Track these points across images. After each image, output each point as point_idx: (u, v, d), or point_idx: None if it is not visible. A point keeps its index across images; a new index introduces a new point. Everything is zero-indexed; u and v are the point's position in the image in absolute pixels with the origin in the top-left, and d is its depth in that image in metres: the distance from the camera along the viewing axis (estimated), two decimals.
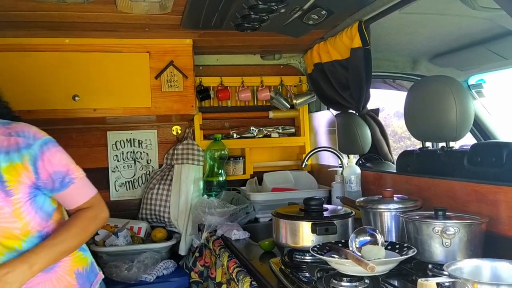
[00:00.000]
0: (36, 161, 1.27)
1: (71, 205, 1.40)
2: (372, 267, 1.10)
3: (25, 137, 1.27)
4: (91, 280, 1.51)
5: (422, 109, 1.73)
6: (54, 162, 1.30)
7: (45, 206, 1.36)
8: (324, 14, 1.86)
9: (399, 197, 1.60)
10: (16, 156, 1.25)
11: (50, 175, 1.30)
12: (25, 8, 1.78)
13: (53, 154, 1.30)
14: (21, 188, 1.27)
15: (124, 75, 2.29)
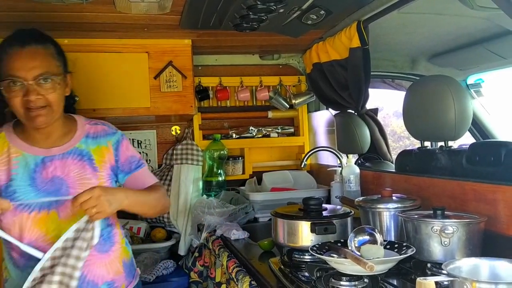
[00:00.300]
0: (118, 146, 1.56)
1: (144, 185, 1.59)
2: (371, 266, 1.11)
3: (109, 127, 1.59)
4: (133, 273, 1.63)
5: (421, 109, 1.74)
6: (130, 149, 1.60)
7: None
8: (322, 14, 1.87)
9: (398, 196, 1.61)
10: (102, 140, 1.54)
11: (127, 158, 1.58)
12: (24, 8, 1.79)
13: (129, 143, 1.62)
14: (104, 167, 1.52)
15: (123, 75, 2.29)
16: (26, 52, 1.38)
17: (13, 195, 1.41)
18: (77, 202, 1.29)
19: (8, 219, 1.41)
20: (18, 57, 1.37)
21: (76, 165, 1.48)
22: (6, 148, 1.45)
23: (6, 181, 1.42)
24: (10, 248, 1.48)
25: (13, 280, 1.49)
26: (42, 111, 1.40)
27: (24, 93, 1.37)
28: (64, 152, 1.48)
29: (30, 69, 1.36)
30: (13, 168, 1.43)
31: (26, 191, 1.42)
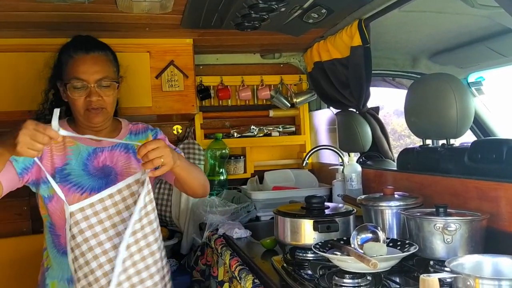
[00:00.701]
0: (156, 136, 1.73)
1: None
2: (375, 263, 1.11)
3: (148, 125, 1.77)
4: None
5: (423, 107, 1.74)
6: (167, 140, 1.72)
7: None
8: (324, 13, 1.87)
9: (400, 194, 1.61)
10: (143, 135, 1.72)
11: None
12: (26, 8, 1.79)
13: (166, 137, 1.78)
14: None
15: (125, 74, 2.29)
16: (90, 57, 1.55)
17: (67, 177, 1.54)
18: (146, 149, 1.35)
19: (60, 199, 1.45)
20: (83, 62, 1.54)
21: (123, 157, 1.63)
22: (61, 137, 1.51)
23: (61, 164, 1.55)
24: (56, 235, 1.57)
25: (53, 270, 1.58)
26: (100, 112, 1.56)
27: (86, 94, 1.53)
28: (112, 145, 1.63)
29: (93, 73, 1.53)
30: (68, 155, 1.57)
31: (80, 174, 1.55)
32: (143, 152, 1.36)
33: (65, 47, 1.60)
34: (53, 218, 1.56)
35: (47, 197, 1.54)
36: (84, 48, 1.56)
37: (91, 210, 1.41)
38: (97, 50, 1.58)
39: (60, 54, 1.60)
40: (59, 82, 1.60)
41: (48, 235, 1.60)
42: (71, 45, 1.59)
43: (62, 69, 1.58)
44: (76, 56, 1.54)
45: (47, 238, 1.61)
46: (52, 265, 1.59)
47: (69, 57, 1.55)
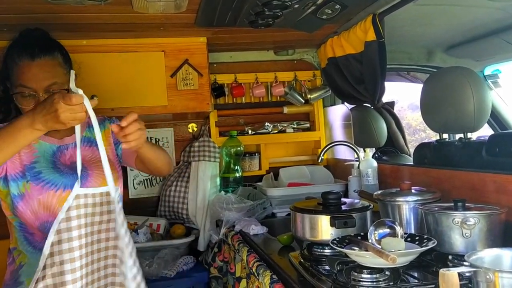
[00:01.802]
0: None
1: None
2: (394, 258, 1.11)
3: (103, 116, 1.73)
4: None
5: (439, 101, 1.73)
6: None
7: None
8: (338, 9, 1.86)
9: (417, 189, 1.60)
10: (101, 126, 1.64)
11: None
12: (43, 10, 1.82)
13: None
14: (110, 150, 1.67)
15: (140, 74, 2.32)
16: (36, 64, 1.47)
17: (39, 175, 1.50)
18: (131, 118, 1.33)
19: (33, 198, 1.47)
20: (29, 69, 1.47)
21: (88, 151, 1.61)
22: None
23: (29, 162, 1.51)
24: (29, 233, 1.54)
25: (30, 266, 1.53)
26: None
27: (35, 103, 1.47)
28: (74, 141, 1.58)
29: (40, 81, 1.47)
30: (34, 152, 1.53)
31: (50, 172, 1.52)
32: (129, 120, 1.34)
33: (10, 49, 1.52)
34: (23, 218, 1.51)
35: (17, 195, 1.48)
36: (30, 54, 1.47)
37: (92, 200, 1.39)
38: (43, 55, 1.49)
39: (6, 56, 1.52)
40: (8, 82, 1.54)
41: (18, 234, 1.56)
42: (15, 48, 1.50)
43: (8, 72, 1.51)
44: (20, 63, 1.47)
45: (18, 237, 1.56)
46: (28, 262, 1.55)
47: (14, 63, 1.48)
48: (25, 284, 1.55)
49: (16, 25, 1.95)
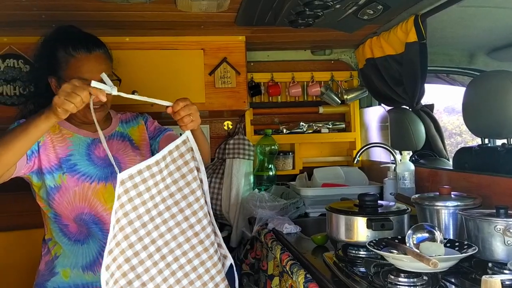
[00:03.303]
0: (147, 121, 1.80)
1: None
2: (435, 262, 1.10)
3: (134, 112, 1.83)
4: None
5: (482, 105, 1.69)
6: (156, 122, 1.81)
7: None
8: (380, 9, 1.85)
9: (457, 194, 1.57)
10: (134, 122, 1.77)
11: (155, 127, 1.79)
12: (91, 8, 1.88)
13: (155, 121, 1.83)
14: (143, 145, 1.75)
15: (179, 71, 2.36)
16: (93, 56, 1.55)
17: (74, 167, 1.56)
18: (179, 106, 1.41)
19: (69, 190, 1.52)
20: (87, 61, 1.54)
21: (120, 145, 1.68)
22: (58, 130, 1.59)
23: (64, 155, 1.56)
24: (64, 225, 1.59)
25: (65, 258, 1.59)
26: (101, 109, 1.58)
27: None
28: (109, 135, 1.67)
29: (97, 72, 1.48)
30: (69, 145, 1.58)
31: (85, 164, 1.57)
32: (176, 108, 1.41)
33: (60, 44, 1.55)
34: (59, 209, 1.55)
35: (54, 187, 1.53)
36: (86, 47, 1.54)
37: (139, 178, 1.37)
38: (98, 49, 1.57)
39: (55, 51, 1.56)
40: (52, 77, 1.57)
41: (53, 226, 1.60)
42: (68, 42, 1.55)
43: (58, 66, 1.55)
44: (78, 56, 1.53)
45: (53, 228, 1.60)
46: (63, 253, 1.60)
47: (69, 56, 1.53)
48: (60, 274, 1.59)
49: (64, 22, 2.02)
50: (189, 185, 1.47)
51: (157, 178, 1.41)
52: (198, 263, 1.47)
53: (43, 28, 1.68)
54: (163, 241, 1.42)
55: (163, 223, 1.42)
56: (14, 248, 2.38)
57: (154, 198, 1.40)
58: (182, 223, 1.45)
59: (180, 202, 1.45)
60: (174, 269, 1.43)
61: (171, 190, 1.44)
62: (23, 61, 2.23)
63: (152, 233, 1.39)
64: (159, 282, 1.39)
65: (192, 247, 1.46)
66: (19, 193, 2.35)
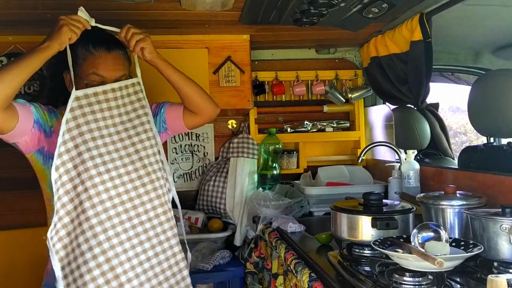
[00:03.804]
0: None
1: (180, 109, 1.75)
2: (441, 262, 1.10)
3: None
4: None
5: (488, 104, 1.68)
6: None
7: None
8: (385, 7, 1.84)
9: (462, 193, 1.57)
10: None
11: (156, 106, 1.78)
12: (96, 7, 1.87)
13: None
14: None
15: (183, 70, 2.31)
16: (111, 56, 1.58)
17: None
18: (127, 31, 1.53)
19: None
20: (104, 60, 1.56)
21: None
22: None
23: None
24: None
25: None
26: None
27: None
28: None
29: (113, 71, 1.57)
30: None
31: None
32: (123, 33, 1.53)
33: (80, 41, 1.54)
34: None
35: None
36: (106, 46, 1.57)
37: (94, 98, 1.51)
38: (117, 49, 1.60)
39: (74, 47, 1.55)
40: (67, 73, 1.57)
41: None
42: (89, 40, 1.57)
43: (75, 62, 1.55)
44: (97, 54, 1.56)
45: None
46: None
47: (89, 52, 1.56)
48: None
49: None
50: (140, 118, 1.59)
51: (111, 104, 1.53)
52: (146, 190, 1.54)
53: (48, 27, 1.67)
54: (110, 158, 1.49)
55: (112, 144, 1.51)
56: (19, 246, 2.40)
57: (106, 120, 1.51)
58: (131, 150, 1.54)
59: (130, 130, 1.55)
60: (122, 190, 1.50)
61: (123, 118, 1.55)
62: None
63: (100, 148, 1.48)
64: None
65: (140, 177, 1.54)
66: (23, 191, 2.39)
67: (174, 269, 1.55)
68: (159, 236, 1.54)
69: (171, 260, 1.55)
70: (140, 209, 1.51)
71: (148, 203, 1.53)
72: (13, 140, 1.48)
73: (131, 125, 1.56)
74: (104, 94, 1.53)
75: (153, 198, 1.54)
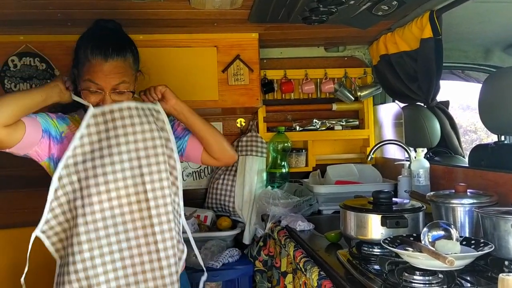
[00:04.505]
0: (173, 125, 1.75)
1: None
2: (452, 260, 1.09)
3: None
4: None
5: (499, 101, 1.67)
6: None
7: None
8: (395, 5, 1.83)
9: (473, 192, 1.56)
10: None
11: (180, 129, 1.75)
12: (106, 6, 1.90)
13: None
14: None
15: (193, 69, 2.37)
16: (108, 65, 1.51)
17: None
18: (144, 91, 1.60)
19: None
20: (100, 68, 1.51)
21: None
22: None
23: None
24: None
25: None
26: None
27: (100, 99, 1.53)
28: None
29: (109, 80, 1.52)
30: None
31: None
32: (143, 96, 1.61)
33: (83, 41, 1.56)
34: None
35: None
36: (103, 53, 1.49)
37: (110, 116, 1.52)
38: (116, 56, 1.51)
39: (78, 48, 1.56)
40: (74, 69, 1.59)
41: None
42: (89, 43, 1.53)
43: (77, 62, 1.55)
44: (93, 61, 1.49)
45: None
46: None
47: (86, 58, 1.51)
48: None
49: (79, 20, 2.06)
50: (154, 141, 1.55)
51: (126, 122, 1.52)
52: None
53: (59, 27, 1.70)
54: (113, 178, 1.50)
55: (120, 163, 1.50)
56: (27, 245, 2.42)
57: (118, 137, 1.51)
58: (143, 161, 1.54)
59: (141, 152, 1.53)
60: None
61: (137, 137, 1.53)
62: (39, 59, 2.27)
63: (106, 167, 1.49)
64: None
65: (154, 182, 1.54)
66: (33, 189, 2.40)
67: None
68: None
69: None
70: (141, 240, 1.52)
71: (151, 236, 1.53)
72: (23, 152, 1.51)
73: (143, 146, 1.53)
74: (120, 111, 1.52)
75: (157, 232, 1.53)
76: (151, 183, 1.52)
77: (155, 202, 1.52)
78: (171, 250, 1.54)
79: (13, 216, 2.46)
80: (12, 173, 2.43)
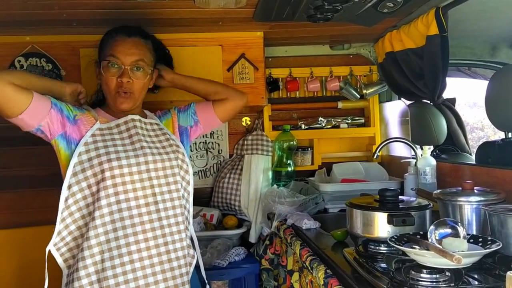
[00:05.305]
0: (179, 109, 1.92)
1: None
2: (459, 258, 1.08)
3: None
4: None
5: (506, 98, 1.66)
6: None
7: None
8: (400, 2, 1.82)
9: (480, 189, 1.54)
10: (168, 115, 1.87)
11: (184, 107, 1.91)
12: (111, 6, 1.90)
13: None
14: (174, 133, 1.86)
15: (198, 68, 2.36)
16: (130, 40, 1.66)
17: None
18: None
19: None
20: (122, 43, 1.65)
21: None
22: (95, 120, 1.66)
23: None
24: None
25: None
26: (128, 97, 1.66)
27: (119, 75, 1.63)
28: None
29: (130, 55, 1.65)
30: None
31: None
32: None
33: (110, 30, 1.72)
34: None
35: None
36: (127, 32, 1.67)
37: (116, 129, 1.64)
38: (139, 36, 1.68)
39: (103, 38, 1.72)
40: (97, 63, 1.71)
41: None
42: (114, 29, 1.70)
43: (100, 50, 1.70)
44: (117, 37, 1.66)
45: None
46: None
47: (110, 37, 1.67)
48: None
49: (85, 20, 2.07)
50: (161, 143, 1.70)
51: (132, 132, 1.65)
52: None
53: (64, 27, 1.71)
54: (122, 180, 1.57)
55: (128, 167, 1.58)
56: (38, 244, 2.43)
57: (123, 140, 1.63)
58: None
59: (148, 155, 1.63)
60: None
61: (143, 143, 1.64)
62: (46, 60, 2.27)
63: (115, 170, 1.55)
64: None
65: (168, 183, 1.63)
66: (41, 189, 2.43)
67: None
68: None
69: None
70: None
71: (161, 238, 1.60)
72: (35, 122, 1.53)
73: (150, 147, 1.67)
74: (125, 124, 1.65)
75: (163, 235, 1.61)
76: (159, 187, 1.60)
77: (163, 205, 1.60)
78: (182, 260, 1.61)
79: (20, 216, 2.48)
80: (19, 173, 2.45)
